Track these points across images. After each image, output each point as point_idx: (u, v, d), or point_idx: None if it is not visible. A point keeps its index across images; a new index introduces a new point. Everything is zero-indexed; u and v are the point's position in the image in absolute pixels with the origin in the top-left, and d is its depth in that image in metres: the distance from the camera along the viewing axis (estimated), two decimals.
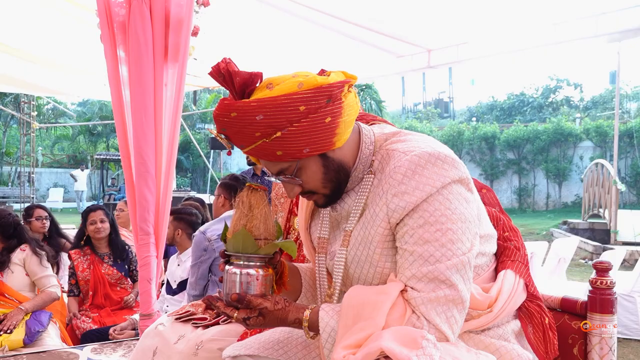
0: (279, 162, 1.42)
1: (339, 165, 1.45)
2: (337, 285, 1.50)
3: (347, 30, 5.17)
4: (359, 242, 1.45)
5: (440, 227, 1.33)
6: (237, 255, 1.43)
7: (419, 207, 1.34)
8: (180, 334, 2.19)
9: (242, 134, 1.36)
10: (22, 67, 6.36)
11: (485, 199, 1.74)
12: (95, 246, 4.21)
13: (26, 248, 3.84)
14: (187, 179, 25.86)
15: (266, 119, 1.32)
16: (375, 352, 1.25)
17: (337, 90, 1.35)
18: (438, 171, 1.35)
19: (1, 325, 3.51)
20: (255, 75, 1.35)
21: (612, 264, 1.72)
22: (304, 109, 1.32)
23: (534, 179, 21.88)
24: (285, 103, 1.31)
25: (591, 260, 9.64)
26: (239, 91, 1.35)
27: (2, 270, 3.74)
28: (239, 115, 1.33)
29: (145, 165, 3.14)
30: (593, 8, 4.43)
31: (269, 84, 1.35)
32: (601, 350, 1.63)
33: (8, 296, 3.73)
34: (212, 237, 3.20)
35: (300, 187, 1.47)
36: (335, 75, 1.39)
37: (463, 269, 1.34)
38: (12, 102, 21.95)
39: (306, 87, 1.33)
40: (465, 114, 34.72)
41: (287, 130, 1.33)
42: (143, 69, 3.07)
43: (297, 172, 1.43)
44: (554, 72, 49.42)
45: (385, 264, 1.42)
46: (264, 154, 1.39)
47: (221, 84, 1.37)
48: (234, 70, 1.34)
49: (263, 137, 1.34)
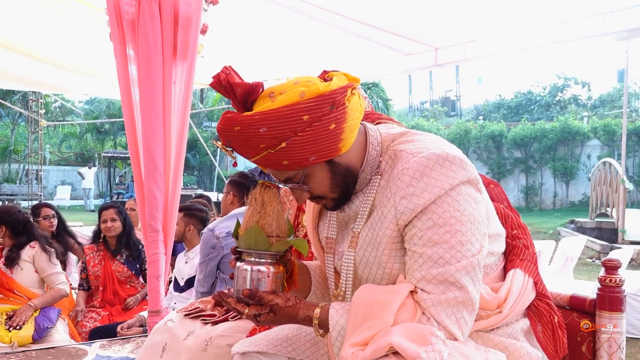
0: (286, 171, 1.42)
1: (346, 170, 1.44)
2: (347, 286, 1.51)
3: (354, 28, 5.17)
4: (367, 243, 1.46)
5: (449, 229, 1.33)
6: (248, 252, 1.44)
7: (428, 209, 1.34)
8: (190, 330, 2.20)
9: (247, 146, 1.36)
10: (30, 65, 6.38)
11: (493, 194, 1.73)
12: (109, 243, 4.27)
13: (36, 245, 3.87)
14: (194, 176, 25.93)
15: (270, 131, 1.31)
16: (385, 348, 1.25)
17: (340, 96, 1.34)
18: (446, 173, 1.35)
19: (10, 321, 3.55)
20: (256, 86, 1.36)
21: (621, 262, 1.72)
22: (307, 118, 1.32)
23: (541, 178, 21.81)
24: (288, 114, 1.31)
25: (598, 260, 9.61)
26: (241, 101, 1.36)
27: (12, 267, 3.77)
28: (243, 128, 1.33)
29: (154, 163, 3.15)
30: (601, 6, 4.41)
31: (271, 93, 1.35)
32: (610, 348, 1.63)
33: (17, 293, 3.76)
34: (220, 235, 3.21)
35: (308, 192, 1.47)
36: (337, 80, 1.38)
37: (473, 271, 1.34)
38: (20, 100, 22.04)
39: (308, 96, 1.32)
40: (472, 112, 34.63)
41: (291, 140, 1.33)
42: (152, 67, 3.09)
43: (304, 179, 1.43)
44: (561, 70, 49.35)
45: (394, 265, 1.43)
46: (270, 163, 1.40)
47: (223, 94, 1.38)
48: (234, 82, 1.34)
49: (268, 148, 1.34)
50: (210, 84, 1.38)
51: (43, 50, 6.02)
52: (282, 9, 4.84)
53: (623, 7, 4.30)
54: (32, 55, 6.09)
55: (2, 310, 3.65)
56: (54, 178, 25.69)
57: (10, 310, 3.64)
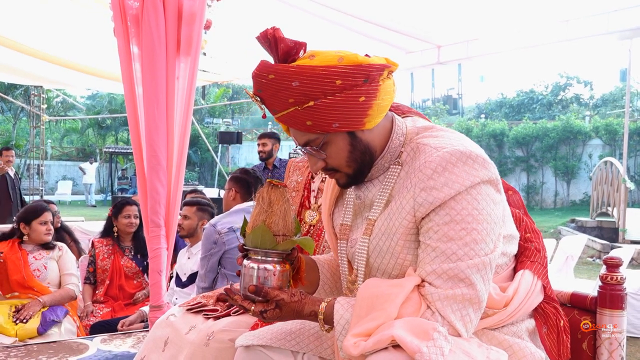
0: (308, 133, 1.43)
1: (365, 147, 1.45)
2: (360, 273, 1.51)
3: (357, 26, 5.17)
4: (382, 232, 1.46)
5: (465, 227, 1.33)
6: (255, 250, 1.45)
7: (446, 204, 1.34)
8: (192, 324, 2.20)
9: (276, 97, 1.37)
10: (32, 60, 6.39)
11: (511, 200, 1.73)
12: (121, 238, 4.31)
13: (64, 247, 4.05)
14: (195, 173, 25.92)
15: (301, 87, 1.33)
16: (387, 340, 1.26)
17: (375, 72, 1.36)
18: (469, 170, 1.35)
19: (18, 314, 3.57)
20: (300, 45, 1.37)
21: (623, 260, 1.73)
22: (340, 83, 1.33)
23: (542, 177, 21.79)
24: (323, 74, 1.33)
25: (599, 259, 9.61)
26: (281, 58, 1.37)
27: (49, 249, 3.91)
28: (277, 78, 1.34)
29: (156, 158, 3.16)
30: (604, 5, 4.40)
31: (312, 55, 1.37)
32: (610, 345, 1.63)
33: (36, 290, 3.78)
34: (222, 230, 3.22)
35: (324, 162, 1.47)
36: (377, 59, 1.40)
37: (484, 270, 1.35)
38: (22, 94, 22.03)
39: (346, 63, 1.34)
40: (474, 110, 34.55)
41: (320, 101, 1.35)
42: (156, 62, 3.10)
43: (323, 145, 1.43)
44: (564, 69, 49.25)
45: (406, 256, 1.43)
46: (294, 122, 1.40)
47: (266, 48, 1.39)
48: (280, 36, 1.36)
49: (296, 104, 1.36)
50: (255, 37, 1.39)
51: (46, 45, 6.03)
52: (285, 6, 4.85)
53: (627, 6, 4.30)
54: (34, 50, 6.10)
55: (11, 304, 3.68)
56: (55, 173, 25.69)
57: (20, 304, 3.67)
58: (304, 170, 2.54)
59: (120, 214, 4.29)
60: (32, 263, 3.82)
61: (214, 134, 22.47)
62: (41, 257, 3.86)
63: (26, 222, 3.86)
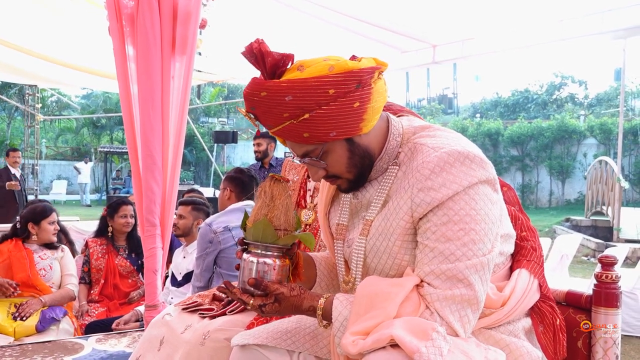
0: (305, 145, 1.42)
1: (364, 152, 1.45)
2: (357, 274, 1.51)
3: (352, 25, 5.17)
4: (379, 232, 1.46)
5: (463, 227, 1.33)
6: (255, 244, 1.44)
7: (444, 204, 1.34)
8: (187, 324, 2.20)
9: (270, 113, 1.36)
10: (27, 58, 6.37)
11: (506, 197, 1.73)
12: (115, 237, 4.32)
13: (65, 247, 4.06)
14: (190, 172, 25.86)
15: (295, 100, 1.32)
16: (385, 339, 1.26)
17: (367, 75, 1.35)
18: (466, 170, 1.35)
19: (18, 310, 3.57)
20: (287, 57, 1.36)
21: (617, 259, 1.73)
22: (333, 93, 1.33)
23: (537, 176, 21.84)
24: (315, 85, 1.32)
25: (593, 258, 9.64)
26: (269, 72, 1.36)
27: (52, 249, 3.93)
28: (269, 94, 1.33)
29: (152, 157, 3.16)
30: (599, 5, 4.42)
31: (300, 66, 1.36)
32: (605, 343, 1.64)
33: (39, 289, 3.78)
34: (218, 230, 3.21)
35: (324, 170, 1.47)
36: (366, 61, 1.39)
37: (482, 270, 1.35)
38: (16, 93, 21.93)
39: (337, 71, 1.33)
40: (469, 110, 34.61)
41: (315, 112, 1.34)
42: (151, 61, 3.09)
43: (322, 155, 1.43)
44: (558, 69, 49.30)
45: (404, 256, 1.43)
46: (290, 135, 1.40)
47: (253, 63, 1.38)
48: (266, 50, 1.35)
49: (291, 118, 1.35)
50: (241, 53, 1.38)
51: (41, 44, 6.01)
52: (280, 6, 4.85)
53: (621, 5, 4.32)
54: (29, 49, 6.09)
55: (11, 302, 3.68)
56: (50, 173, 25.59)
57: (19, 302, 3.67)
58: (300, 169, 2.54)
59: (116, 213, 4.31)
60: (38, 262, 3.83)
61: (209, 134, 22.44)
62: (47, 257, 3.87)
63: (35, 222, 3.86)
